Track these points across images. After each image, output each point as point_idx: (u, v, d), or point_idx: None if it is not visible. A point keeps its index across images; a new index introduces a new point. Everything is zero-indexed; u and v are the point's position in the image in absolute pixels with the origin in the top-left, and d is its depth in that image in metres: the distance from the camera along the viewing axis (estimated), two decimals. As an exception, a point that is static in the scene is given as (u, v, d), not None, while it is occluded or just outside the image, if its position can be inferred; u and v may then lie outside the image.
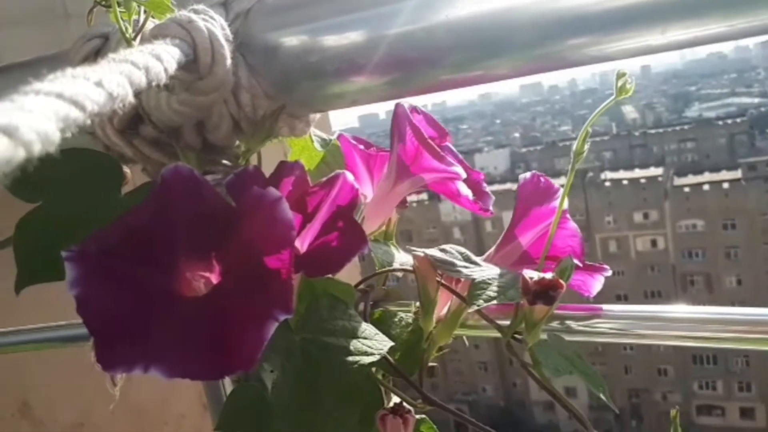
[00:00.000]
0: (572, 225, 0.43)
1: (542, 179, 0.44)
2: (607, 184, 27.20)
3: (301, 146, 0.55)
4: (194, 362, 0.30)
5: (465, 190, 0.43)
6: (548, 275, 0.34)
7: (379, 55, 0.41)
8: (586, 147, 0.38)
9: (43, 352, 0.68)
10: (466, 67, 0.40)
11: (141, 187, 0.42)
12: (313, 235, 0.39)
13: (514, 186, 0.55)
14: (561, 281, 0.34)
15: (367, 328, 0.44)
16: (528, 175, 0.46)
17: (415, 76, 0.41)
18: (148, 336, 0.31)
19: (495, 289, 0.39)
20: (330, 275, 0.44)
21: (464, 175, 0.43)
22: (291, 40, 0.42)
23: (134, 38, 0.42)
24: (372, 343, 0.43)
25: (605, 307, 0.45)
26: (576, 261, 0.40)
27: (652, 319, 0.43)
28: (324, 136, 0.55)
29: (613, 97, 0.37)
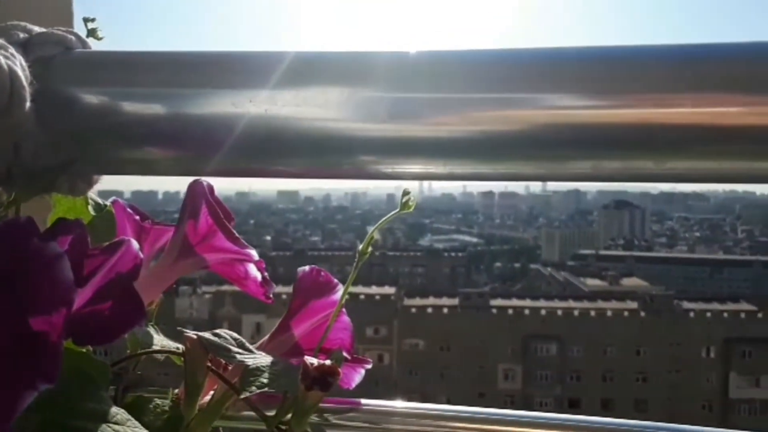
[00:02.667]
0: (345, 318, 0.46)
1: (322, 273, 0.47)
2: (346, 296, 28.57)
3: (68, 206, 0.51)
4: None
5: (255, 273, 0.44)
6: (327, 362, 0.36)
7: (183, 131, 0.41)
8: (369, 249, 0.42)
9: None
10: (268, 161, 0.42)
11: None
12: (84, 300, 0.36)
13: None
14: (338, 369, 0.36)
15: (119, 412, 0.41)
16: (307, 268, 0.48)
17: (216, 159, 0.42)
18: None
19: (268, 376, 0.40)
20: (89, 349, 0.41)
21: (257, 257, 0.44)
22: (91, 98, 0.40)
23: None
24: (123, 429, 0.40)
25: (362, 401, 0.48)
26: (345, 354, 0.42)
27: (404, 414, 0.47)
28: (99, 200, 0.52)
29: (397, 209, 0.42)
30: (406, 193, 0.42)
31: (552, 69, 0.37)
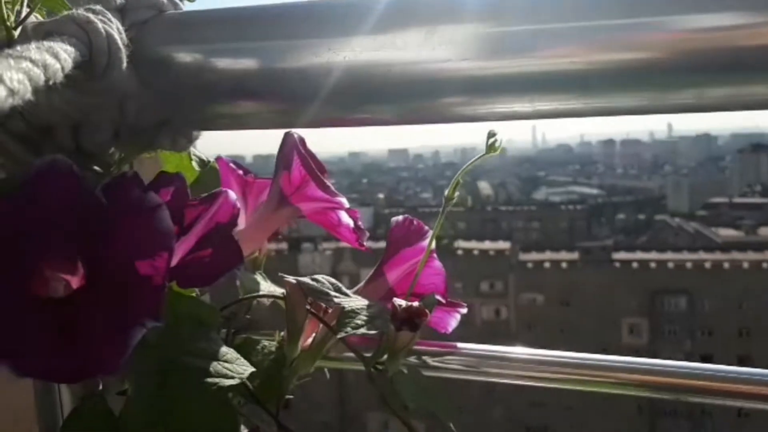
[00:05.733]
0: (437, 264, 0.46)
1: (414, 222, 0.47)
2: (459, 252, 28.62)
3: (176, 163, 0.54)
4: (50, 362, 0.29)
5: (347, 219, 0.45)
6: (415, 303, 0.37)
7: (271, 84, 0.42)
8: (456, 194, 0.42)
9: None
10: (354, 109, 0.43)
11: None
12: (187, 248, 0.38)
13: (375, 245, 0.58)
14: (426, 310, 0.36)
15: (228, 351, 0.44)
16: (400, 218, 0.49)
17: (305, 110, 0.43)
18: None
19: (363, 318, 0.41)
20: (198, 293, 0.44)
21: (347, 205, 0.45)
22: (185, 56, 0.42)
23: (15, 28, 0.40)
24: (233, 367, 0.43)
25: (459, 345, 0.48)
26: (439, 297, 0.42)
27: (500, 358, 0.47)
28: (202, 156, 0.55)
29: (484, 152, 0.41)
30: (491, 135, 0.41)
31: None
